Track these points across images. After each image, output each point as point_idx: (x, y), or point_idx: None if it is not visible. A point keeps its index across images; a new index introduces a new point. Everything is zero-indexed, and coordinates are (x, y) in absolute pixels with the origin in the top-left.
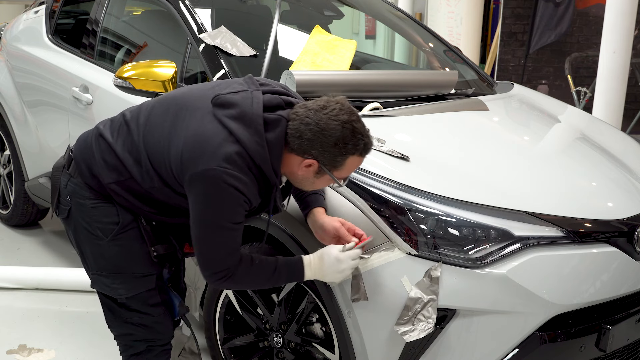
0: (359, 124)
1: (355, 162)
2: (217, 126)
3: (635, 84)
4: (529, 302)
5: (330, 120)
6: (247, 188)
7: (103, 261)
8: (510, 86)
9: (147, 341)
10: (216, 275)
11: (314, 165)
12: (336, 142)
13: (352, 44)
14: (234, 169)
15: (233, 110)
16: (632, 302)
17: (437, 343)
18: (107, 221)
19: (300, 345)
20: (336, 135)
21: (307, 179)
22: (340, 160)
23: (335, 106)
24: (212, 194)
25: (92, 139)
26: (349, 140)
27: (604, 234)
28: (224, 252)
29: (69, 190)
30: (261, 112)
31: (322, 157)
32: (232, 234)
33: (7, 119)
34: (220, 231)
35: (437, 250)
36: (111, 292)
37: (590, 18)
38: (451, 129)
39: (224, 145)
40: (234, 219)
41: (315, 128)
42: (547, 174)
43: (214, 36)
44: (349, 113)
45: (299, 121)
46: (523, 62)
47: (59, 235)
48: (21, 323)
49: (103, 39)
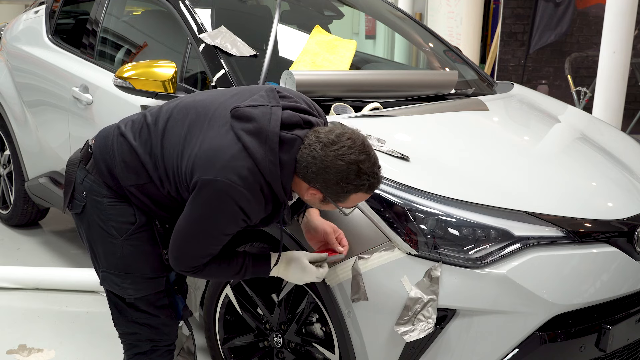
0: (367, 163)
1: (360, 197)
2: (233, 139)
3: (635, 84)
4: (529, 302)
5: (336, 159)
6: (250, 206)
7: (115, 260)
8: (510, 86)
9: (152, 341)
10: (186, 268)
11: (318, 195)
12: (338, 181)
13: (352, 44)
14: (242, 186)
15: (250, 125)
16: (632, 302)
17: (437, 343)
18: (123, 220)
19: (300, 345)
20: (339, 175)
21: (314, 203)
22: (343, 196)
23: (346, 143)
24: (213, 203)
25: (113, 139)
26: (352, 181)
27: (604, 234)
28: (201, 253)
29: (86, 186)
30: (278, 130)
31: (325, 190)
32: (217, 242)
33: (7, 119)
34: (207, 237)
35: (437, 250)
36: (120, 291)
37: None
38: (451, 129)
39: (237, 158)
40: (225, 231)
41: (320, 164)
42: (547, 174)
43: (214, 36)
44: (359, 152)
45: (307, 152)
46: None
47: (59, 235)
48: (21, 323)
49: (103, 39)
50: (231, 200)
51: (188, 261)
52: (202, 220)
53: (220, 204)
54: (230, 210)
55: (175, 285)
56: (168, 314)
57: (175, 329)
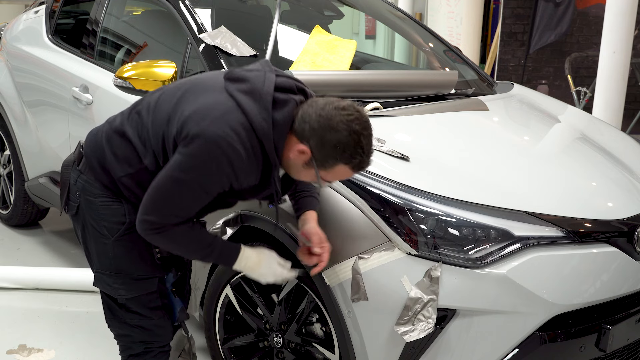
0: (367, 140)
1: (344, 172)
2: (226, 96)
3: (635, 84)
4: (529, 302)
5: (342, 123)
6: (240, 163)
7: (107, 260)
8: (510, 86)
9: (144, 343)
10: (151, 224)
11: (305, 155)
12: (336, 145)
13: (352, 44)
14: (234, 140)
15: (244, 85)
16: (632, 302)
17: (437, 343)
18: (114, 220)
19: (300, 345)
20: (339, 138)
21: (296, 165)
22: (330, 163)
23: (355, 113)
24: (203, 155)
25: (102, 135)
26: (348, 149)
27: (604, 234)
28: (175, 210)
29: (79, 186)
30: (272, 91)
31: (316, 150)
32: (196, 200)
33: (7, 119)
34: (187, 191)
35: (437, 250)
36: (112, 291)
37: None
38: (451, 129)
39: (231, 113)
40: (208, 187)
41: (324, 121)
42: (547, 174)
43: (214, 36)
44: (363, 126)
45: (314, 109)
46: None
47: (59, 235)
48: (21, 323)
49: (103, 39)
50: (222, 154)
51: (158, 216)
52: (187, 171)
53: (210, 156)
54: (219, 164)
55: (174, 288)
56: (161, 316)
57: (169, 330)
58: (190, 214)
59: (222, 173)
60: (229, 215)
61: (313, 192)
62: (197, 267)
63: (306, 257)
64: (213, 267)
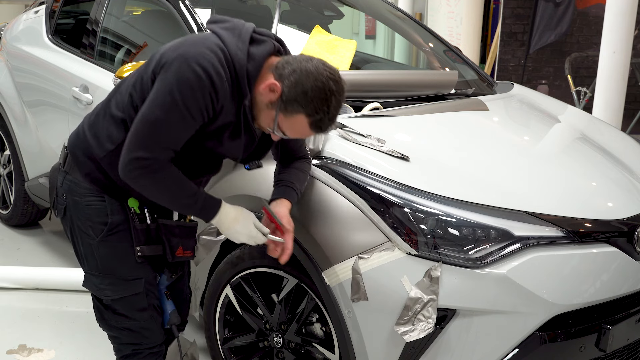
0: (336, 103)
1: (302, 125)
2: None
3: (635, 84)
4: (529, 302)
5: (322, 76)
6: (220, 80)
7: (94, 261)
8: (510, 86)
9: (133, 345)
10: (138, 161)
11: (275, 93)
12: (306, 91)
13: (352, 44)
14: (212, 58)
15: (225, 24)
16: (632, 302)
17: (437, 343)
18: (97, 221)
19: (300, 345)
20: (313, 86)
21: (261, 103)
22: (294, 108)
23: (336, 76)
24: (181, 73)
25: (82, 125)
26: (315, 101)
27: (604, 234)
28: (162, 139)
29: (65, 188)
30: (250, 31)
31: (287, 90)
32: (181, 124)
33: (7, 119)
34: (171, 114)
35: (437, 250)
36: (98, 292)
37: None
38: (451, 129)
39: (208, 39)
40: (192, 106)
41: (306, 66)
42: (547, 174)
43: None
44: (339, 91)
45: (302, 57)
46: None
47: (59, 235)
48: (21, 323)
49: (103, 39)
50: (202, 70)
51: (145, 151)
52: (167, 93)
53: (190, 73)
54: (199, 79)
55: (168, 290)
56: (147, 318)
57: (157, 332)
58: (178, 143)
59: (204, 90)
60: None
61: (295, 185)
62: (197, 267)
63: (271, 249)
64: (213, 267)
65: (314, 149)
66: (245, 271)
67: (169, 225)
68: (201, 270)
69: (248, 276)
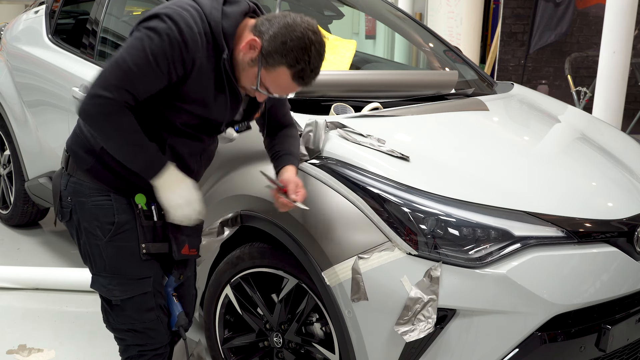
0: (316, 53)
1: (284, 78)
2: None
3: (635, 84)
4: (529, 302)
5: (300, 27)
6: (191, 33)
7: (102, 261)
8: (510, 86)
9: (138, 346)
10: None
11: (254, 50)
12: (286, 41)
13: (352, 44)
14: (185, 15)
15: None
16: (632, 302)
17: (437, 343)
18: (105, 221)
19: (300, 345)
20: (291, 36)
21: (242, 63)
22: (275, 60)
23: (314, 27)
24: (154, 26)
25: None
26: (295, 50)
27: (604, 234)
28: (123, 82)
29: (69, 190)
30: None
31: (267, 44)
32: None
33: (7, 119)
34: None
35: (437, 250)
36: (107, 293)
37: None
38: (451, 129)
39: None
40: (158, 56)
41: (284, 20)
42: (547, 174)
43: None
44: (318, 40)
45: (281, 14)
46: (523, 62)
47: (59, 235)
48: (21, 323)
49: (103, 39)
50: (173, 23)
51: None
52: (140, 40)
53: (160, 26)
54: (169, 31)
55: (175, 292)
56: (154, 318)
57: (163, 334)
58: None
59: (172, 41)
60: (227, 216)
61: (292, 151)
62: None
63: (280, 204)
64: (213, 267)
65: (314, 149)
66: (245, 271)
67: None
68: (201, 270)
69: (248, 276)
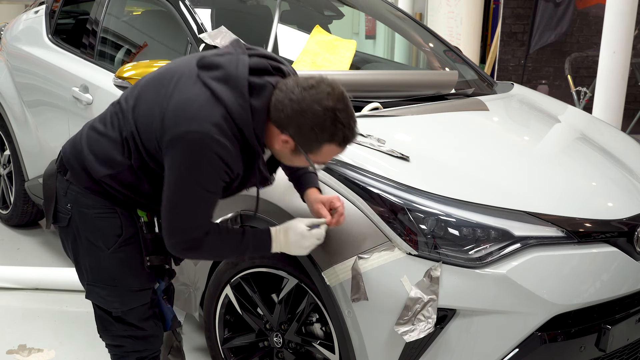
0: (344, 113)
1: (332, 150)
2: (201, 88)
3: (635, 84)
4: (529, 302)
5: (314, 103)
6: (230, 155)
7: (101, 273)
8: (510, 86)
9: (137, 352)
10: (181, 245)
11: (290, 143)
12: (313, 127)
13: (352, 44)
14: (218, 133)
15: (217, 72)
16: (632, 302)
17: (437, 343)
18: (110, 233)
19: (300, 345)
20: (315, 120)
21: (284, 155)
22: (315, 146)
23: (325, 89)
24: (191, 158)
25: (81, 135)
26: (326, 129)
27: (604, 234)
28: (195, 221)
29: (70, 198)
30: (246, 75)
31: (298, 137)
32: (206, 203)
33: (7, 119)
34: (194, 198)
35: (437, 250)
36: (106, 304)
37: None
38: (451, 129)
39: (207, 106)
40: (210, 186)
41: (297, 107)
42: (547, 174)
43: (214, 36)
44: (336, 100)
45: (284, 94)
46: (523, 62)
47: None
48: (21, 323)
49: (103, 39)
50: (208, 150)
51: (183, 235)
52: (183, 180)
53: (199, 156)
54: (210, 161)
55: (165, 295)
56: (153, 325)
57: (160, 339)
58: (209, 218)
59: (218, 168)
60: (227, 215)
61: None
62: (197, 267)
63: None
64: (213, 267)
65: None
66: (245, 271)
67: None
68: (201, 270)
69: (248, 276)
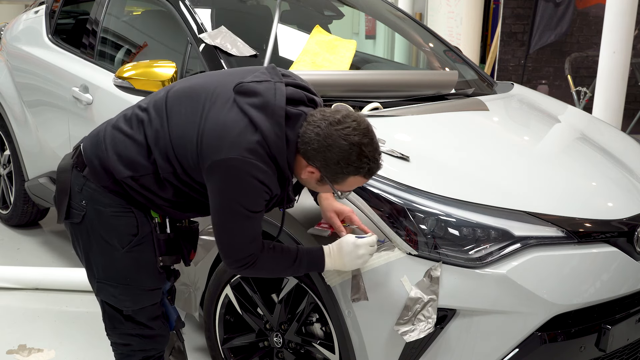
0: (369, 147)
1: (357, 181)
2: (239, 114)
3: (635, 84)
4: (529, 302)
5: (340, 139)
6: (268, 178)
7: (114, 271)
8: (510, 86)
9: (143, 351)
10: (239, 262)
11: (316, 174)
12: (339, 161)
13: (352, 44)
14: (255, 159)
15: (256, 99)
16: (632, 302)
17: (437, 343)
18: (126, 232)
19: (300, 345)
20: (341, 155)
21: (310, 183)
22: (341, 177)
23: (351, 124)
24: (233, 183)
25: (105, 134)
26: (352, 162)
27: (604, 234)
28: (246, 240)
29: (86, 195)
30: (284, 104)
31: (324, 169)
32: (253, 222)
33: (7, 119)
34: (241, 220)
35: (437, 250)
36: (117, 303)
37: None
38: (451, 129)
39: (245, 133)
40: (254, 207)
41: (323, 142)
42: (547, 174)
43: (214, 36)
44: (362, 135)
45: (311, 128)
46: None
47: (59, 235)
48: (21, 323)
49: (103, 39)
50: (248, 175)
51: (237, 253)
52: (228, 203)
53: (240, 181)
54: (251, 185)
55: (169, 295)
56: (161, 325)
57: (167, 338)
58: (257, 235)
59: (258, 190)
60: None
61: None
62: (197, 267)
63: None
64: (213, 267)
65: None
66: None
67: (184, 232)
68: (201, 270)
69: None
